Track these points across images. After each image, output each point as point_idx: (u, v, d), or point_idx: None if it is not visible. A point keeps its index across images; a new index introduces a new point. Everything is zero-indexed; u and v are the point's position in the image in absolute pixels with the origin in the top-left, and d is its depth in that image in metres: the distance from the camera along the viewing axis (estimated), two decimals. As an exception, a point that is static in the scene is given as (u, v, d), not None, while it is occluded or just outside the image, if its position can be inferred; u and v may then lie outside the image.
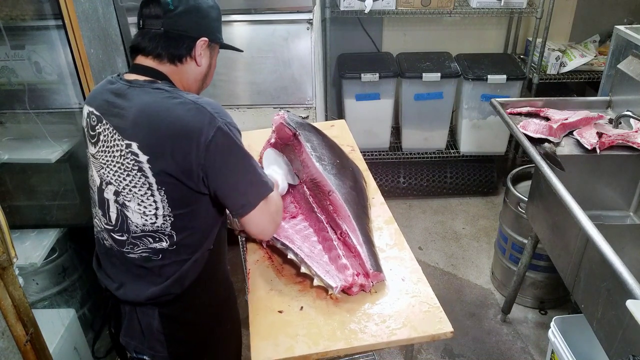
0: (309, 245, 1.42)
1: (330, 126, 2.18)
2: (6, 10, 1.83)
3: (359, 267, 1.34)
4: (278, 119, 1.84)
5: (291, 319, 1.26)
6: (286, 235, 1.44)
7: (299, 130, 1.77)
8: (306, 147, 1.70)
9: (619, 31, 2.16)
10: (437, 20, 3.34)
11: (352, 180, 1.64)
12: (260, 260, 1.46)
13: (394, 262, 1.43)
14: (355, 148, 2.01)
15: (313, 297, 1.32)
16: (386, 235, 1.54)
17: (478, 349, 2.33)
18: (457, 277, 2.76)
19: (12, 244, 1.28)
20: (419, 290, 1.33)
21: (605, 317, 1.43)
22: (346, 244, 1.42)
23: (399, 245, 1.50)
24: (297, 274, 1.38)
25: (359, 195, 1.59)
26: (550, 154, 1.80)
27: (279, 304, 1.30)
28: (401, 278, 1.37)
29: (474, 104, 3.11)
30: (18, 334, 1.35)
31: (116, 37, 2.27)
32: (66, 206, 2.19)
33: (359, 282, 1.29)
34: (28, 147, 1.96)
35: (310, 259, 1.34)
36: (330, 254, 1.39)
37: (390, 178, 3.36)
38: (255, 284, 1.38)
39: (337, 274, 1.31)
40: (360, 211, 1.51)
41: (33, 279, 1.94)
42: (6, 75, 1.91)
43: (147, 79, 1.21)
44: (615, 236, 1.58)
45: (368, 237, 1.43)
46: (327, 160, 1.66)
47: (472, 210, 3.30)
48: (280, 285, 1.37)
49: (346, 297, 1.30)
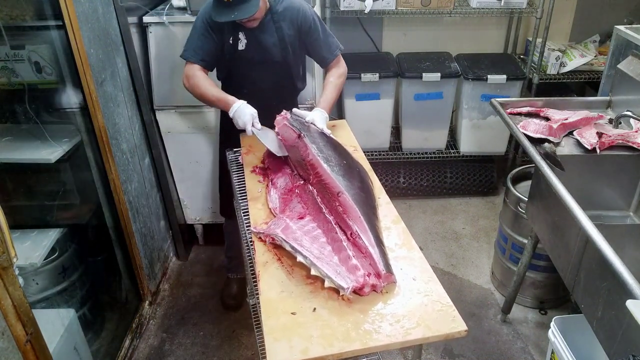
0: (318, 247, 1.41)
1: (332, 126, 2.17)
2: (6, 10, 1.83)
3: (369, 268, 1.33)
4: (281, 119, 1.84)
5: (304, 321, 1.24)
6: (295, 237, 1.43)
7: (303, 132, 1.77)
8: (312, 148, 1.69)
9: (619, 31, 2.16)
10: (437, 20, 3.35)
11: (360, 180, 1.64)
12: (270, 262, 1.43)
13: (404, 261, 1.42)
14: (358, 148, 2.01)
15: (325, 298, 1.30)
16: (394, 235, 1.53)
17: (478, 349, 2.33)
18: (457, 277, 2.76)
19: (12, 244, 1.28)
20: (431, 289, 1.32)
21: (605, 317, 1.43)
22: (356, 244, 1.40)
23: (407, 245, 1.49)
24: (307, 276, 1.36)
25: (367, 195, 1.59)
26: (550, 154, 1.80)
27: (291, 305, 1.29)
28: (412, 277, 1.36)
29: (474, 104, 3.12)
30: (18, 334, 1.35)
31: (116, 37, 2.27)
32: (66, 206, 2.19)
33: (370, 283, 1.28)
34: (28, 147, 1.96)
35: (320, 261, 1.34)
36: (340, 255, 1.38)
37: (390, 178, 3.36)
38: (265, 286, 1.36)
39: (348, 275, 1.30)
40: (369, 211, 1.50)
41: (33, 279, 1.94)
42: (6, 75, 1.90)
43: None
44: (615, 236, 1.58)
45: (379, 238, 1.42)
46: (334, 161, 1.66)
47: (472, 210, 3.30)
48: (291, 286, 1.35)
49: (358, 298, 1.29)
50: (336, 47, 2.12)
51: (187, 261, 2.95)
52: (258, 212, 1.66)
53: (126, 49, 2.34)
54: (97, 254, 2.37)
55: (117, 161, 2.22)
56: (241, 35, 2.04)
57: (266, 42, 2.04)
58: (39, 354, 1.44)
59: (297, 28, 2.05)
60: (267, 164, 1.88)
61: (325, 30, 2.11)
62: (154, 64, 2.55)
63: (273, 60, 2.08)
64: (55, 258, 2.00)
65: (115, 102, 2.25)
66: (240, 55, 2.07)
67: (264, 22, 2.02)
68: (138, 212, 2.45)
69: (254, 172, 1.87)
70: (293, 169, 1.81)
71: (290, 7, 2.04)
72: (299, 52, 2.13)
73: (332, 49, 2.11)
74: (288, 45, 2.06)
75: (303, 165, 1.72)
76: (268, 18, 2.02)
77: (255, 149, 2.01)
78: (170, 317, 2.56)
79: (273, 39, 2.04)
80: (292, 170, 1.81)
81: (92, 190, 2.19)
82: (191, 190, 2.86)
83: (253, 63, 2.09)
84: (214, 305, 2.61)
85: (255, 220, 1.62)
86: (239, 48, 2.05)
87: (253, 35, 2.03)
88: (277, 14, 2.03)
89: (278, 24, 2.03)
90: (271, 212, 1.64)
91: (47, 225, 2.04)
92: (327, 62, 2.13)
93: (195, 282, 2.78)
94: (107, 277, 2.44)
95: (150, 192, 2.63)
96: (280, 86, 2.15)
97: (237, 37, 2.04)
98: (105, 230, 2.28)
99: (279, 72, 2.12)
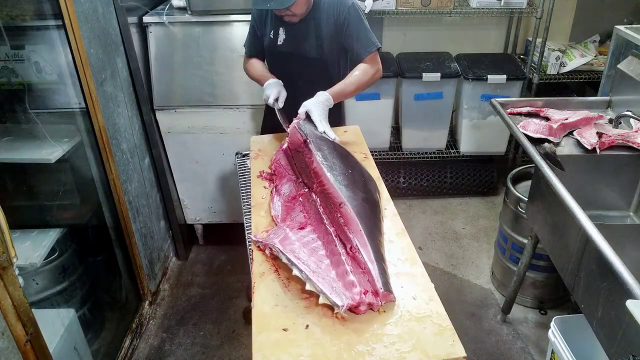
0: (315, 260, 1.36)
1: (344, 132, 2.12)
2: (6, 10, 1.83)
3: (367, 285, 1.27)
4: (294, 121, 1.83)
5: (296, 338, 1.19)
6: (292, 249, 1.38)
7: (310, 138, 1.72)
8: (317, 155, 1.64)
9: (619, 31, 2.16)
10: (437, 21, 3.34)
11: (365, 191, 1.56)
12: (267, 274, 1.40)
13: (405, 278, 1.35)
14: (368, 155, 1.93)
15: (319, 314, 1.25)
16: (397, 249, 1.46)
17: (478, 349, 2.33)
18: (457, 277, 2.76)
19: (12, 244, 1.28)
20: (431, 310, 1.26)
21: (605, 317, 1.43)
22: (355, 259, 1.34)
23: (410, 260, 1.41)
24: (302, 290, 1.31)
25: (371, 207, 1.51)
26: (550, 154, 1.80)
27: (283, 321, 1.24)
28: (412, 296, 1.30)
29: (474, 104, 3.12)
30: (18, 334, 1.35)
31: (116, 37, 2.27)
32: (66, 206, 2.19)
33: (366, 301, 1.22)
34: (28, 147, 1.96)
35: (316, 275, 1.28)
36: (337, 270, 1.33)
37: (390, 178, 3.36)
38: (260, 298, 1.32)
39: (344, 292, 1.25)
40: (372, 225, 1.43)
41: (33, 279, 1.94)
42: (6, 75, 1.91)
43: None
44: (615, 236, 1.58)
45: (379, 253, 1.35)
46: (339, 170, 1.59)
47: (472, 210, 3.30)
48: (286, 300, 1.30)
49: (354, 316, 1.24)
50: (372, 43, 2.00)
51: (187, 261, 2.95)
52: (260, 220, 1.61)
53: (126, 49, 2.34)
54: (97, 254, 2.37)
55: (117, 161, 2.22)
56: (281, 30, 2.05)
57: (303, 39, 2.04)
58: (39, 354, 1.44)
59: (334, 22, 2.00)
60: (274, 169, 1.83)
61: (363, 24, 2.00)
62: (154, 64, 2.55)
63: (308, 57, 2.06)
64: (55, 258, 2.00)
65: (115, 102, 2.25)
66: (279, 50, 2.09)
67: (306, 18, 2.01)
68: (138, 212, 2.45)
69: (261, 177, 1.84)
70: (298, 176, 1.77)
71: (331, 0, 2.00)
72: (337, 49, 2.08)
73: (366, 44, 1.99)
74: (325, 42, 2.03)
75: (307, 173, 1.67)
76: (310, 15, 2.01)
77: (264, 153, 1.98)
78: (170, 317, 2.56)
79: (310, 35, 2.03)
80: (298, 178, 1.76)
81: (92, 190, 2.18)
82: (191, 190, 2.86)
83: (289, 58, 2.09)
84: (214, 305, 2.61)
85: (257, 227, 1.58)
86: (278, 43, 2.08)
87: (292, 30, 2.04)
88: (319, 10, 2.00)
89: (317, 21, 2.01)
90: (273, 219, 1.60)
91: (47, 225, 2.04)
92: (360, 58, 2.01)
93: (195, 282, 2.78)
94: (107, 277, 2.44)
95: (150, 192, 2.63)
96: (316, 83, 2.03)
97: (277, 32, 2.07)
98: (105, 230, 2.28)
99: (314, 69, 2.09)
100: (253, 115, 2.62)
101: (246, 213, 1.74)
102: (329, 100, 1.92)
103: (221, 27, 2.55)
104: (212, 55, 2.57)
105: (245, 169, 1.99)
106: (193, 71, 2.57)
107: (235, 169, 2.07)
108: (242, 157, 2.03)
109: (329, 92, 1.93)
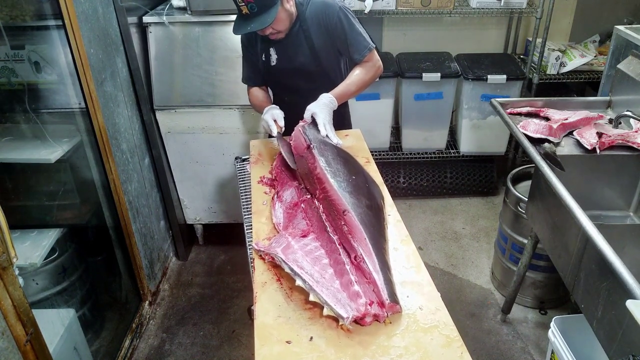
0: (319, 269, 1.32)
1: (345, 135, 2.09)
2: (6, 10, 1.83)
3: (372, 295, 1.23)
4: (299, 125, 1.82)
5: (299, 351, 1.15)
6: (295, 259, 1.34)
7: (313, 143, 1.69)
8: (320, 161, 1.61)
9: (619, 31, 2.16)
10: (437, 20, 3.35)
11: (369, 198, 1.52)
12: (269, 283, 1.35)
13: (411, 287, 1.32)
14: (370, 160, 1.91)
15: (323, 326, 1.21)
16: (402, 256, 1.42)
17: (478, 349, 2.33)
18: (457, 277, 2.76)
19: (12, 244, 1.28)
20: (438, 320, 1.22)
21: (605, 317, 1.43)
22: (360, 268, 1.30)
23: (416, 268, 1.38)
24: (306, 300, 1.27)
25: (375, 215, 1.47)
26: (550, 154, 1.79)
27: (287, 332, 1.20)
28: (419, 306, 1.26)
29: (474, 104, 3.12)
30: (18, 334, 1.35)
31: (116, 37, 2.27)
32: (66, 206, 2.19)
33: (372, 312, 1.19)
34: (28, 147, 1.96)
35: (319, 286, 1.25)
36: (342, 279, 1.28)
37: (390, 178, 3.36)
38: (262, 309, 1.27)
39: (349, 303, 1.21)
40: (376, 233, 1.39)
41: (33, 279, 1.94)
42: (6, 75, 1.90)
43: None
44: (615, 236, 1.58)
45: (385, 262, 1.31)
46: (343, 177, 1.55)
47: (472, 210, 3.30)
48: (289, 311, 1.26)
49: (359, 328, 1.20)
50: (364, 47, 1.93)
51: (187, 261, 2.95)
52: (261, 227, 1.57)
53: (126, 49, 2.34)
54: (97, 254, 2.37)
55: (117, 161, 2.22)
56: (272, 50, 2.01)
57: (296, 54, 1.99)
58: (38, 354, 1.44)
59: (325, 29, 1.94)
60: (275, 175, 1.81)
61: (353, 27, 1.93)
62: (154, 64, 2.55)
63: (306, 70, 2.02)
64: (55, 258, 2.00)
65: (115, 102, 2.25)
66: (274, 70, 2.04)
67: (293, 32, 1.95)
68: (138, 212, 2.45)
69: (261, 182, 1.81)
70: (300, 182, 1.73)
71: (316, 8, 1.93)
72: (334, 55, 2.04)
73: (359, 49, 1.94)
74: (319, 52, 1.98)
75: (310, 179, 1.64)
76: (297, 27, 1.95)
77: (265, 158, 1.96)
78: (170, 317, 2.56)
79: (303, 48, 1.98)
80: (300, 183, 1.72)
81: (92, 190, 2.18)
82: (191, 190, 2.86)
83: (288, 75, 2.05)
84: (214, 305, 2.61)
85: (258, 234, 1.54)
86: (272, 64, 2.03)
87: (283, 48, 1.99)
88: (305, 21, 1.94)
89: (307, 32, 1.95)
90: (275, 227, 1.56)
91: (47, 225, 2.04)
92: (356, 62, 1.97)
93: (195, 282, 2.78)
94: (107, 277, 2.44)
95: (150, 192, 2.63)
96: (321, 92, 1.95)
97: (268, 53, 2.01)
98: (105, 230, 2.28)
99: (316, 80, 2.04)
100: (253, 115, 2.62)
101: (246, 216, 1.73)
102: (333, 102, 1.89)
103: (221, 27, 2.55)
104: (212, 55, 2.57)
105: (245, 174, 1.97)
106: (193, 71, 2.57)
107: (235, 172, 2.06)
108: (242, 162, 2.02)
109: (332, 94, 1.90)
